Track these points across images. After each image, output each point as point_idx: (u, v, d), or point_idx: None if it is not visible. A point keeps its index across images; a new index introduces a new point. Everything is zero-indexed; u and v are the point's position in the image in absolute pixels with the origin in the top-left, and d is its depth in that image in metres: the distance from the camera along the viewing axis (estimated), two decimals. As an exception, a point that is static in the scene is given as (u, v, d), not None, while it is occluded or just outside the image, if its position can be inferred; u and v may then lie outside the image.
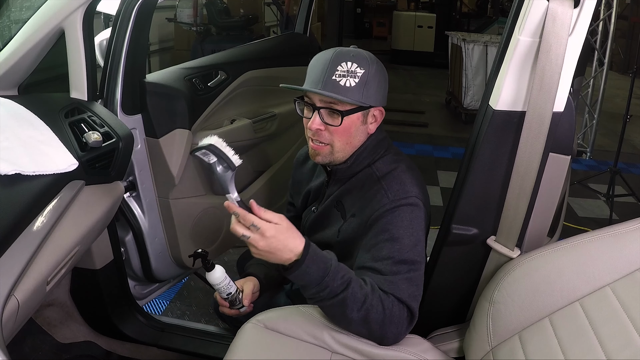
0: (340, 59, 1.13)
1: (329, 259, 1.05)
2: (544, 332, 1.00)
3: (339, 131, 1.15)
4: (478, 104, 1.28)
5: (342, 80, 1.12)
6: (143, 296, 1.87)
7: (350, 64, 1.12)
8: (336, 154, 1.19)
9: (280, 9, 5.33)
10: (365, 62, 1.14)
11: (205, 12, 5.23)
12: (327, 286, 1.02)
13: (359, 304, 1.04)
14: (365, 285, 1.06)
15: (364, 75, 1.13)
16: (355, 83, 1.12)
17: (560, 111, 1.05)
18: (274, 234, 0.99)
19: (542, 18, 0.97)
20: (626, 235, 0.96)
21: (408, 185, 1.15)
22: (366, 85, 1.13)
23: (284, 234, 1.01)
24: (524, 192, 1.07)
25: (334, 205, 1.25)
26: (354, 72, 1.12)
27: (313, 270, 1.02)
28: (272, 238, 0.99)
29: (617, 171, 3.32)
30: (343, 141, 1.17)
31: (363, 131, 1.19)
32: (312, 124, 1.15)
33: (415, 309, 1.09)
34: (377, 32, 10.47)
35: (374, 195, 1.16)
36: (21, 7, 1.36)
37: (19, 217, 1.00)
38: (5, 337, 0.88)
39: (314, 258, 1.02)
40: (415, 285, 1.10)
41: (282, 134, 2.19)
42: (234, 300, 1.25)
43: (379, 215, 1.12)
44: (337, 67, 1.12)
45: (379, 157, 1.22)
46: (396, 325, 1.07)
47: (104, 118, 1.36)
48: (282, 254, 1.01)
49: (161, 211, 1.74)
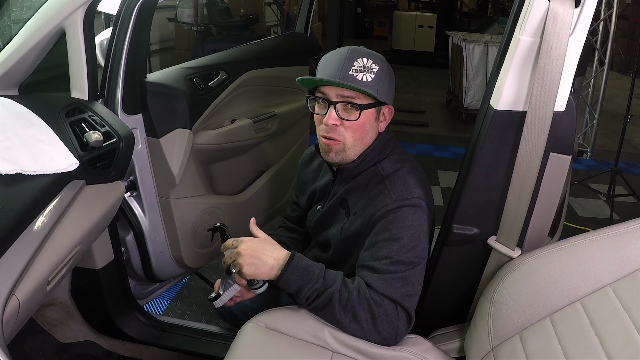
0: (357, 55, 1.14)
1: (312, 266, 1.12)
2: (544, 331, 1.00)
3: (355, 126, 1.16)
4: (479, 103, 1.29)
5: (359, 75, 1.13)
6: (144, 296, 1.87)
7: (366, 60, 1.14)
8: (348, 150, 1.19)
9: (280, 9, 5.33)
10: (379, 60, 1.16)
11: (206, 12, 5.23)
12: (307, 291, 1.10)
13: (343, 302, 1.08)
14: (350, 284, 1.09)
15: (379, 71, 1.14)
16: (371, 78, 1.13)
17: (561, 111, 1.05)
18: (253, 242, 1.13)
19: (543, 18, 0.97)
20: (627, 235, 0.96)
21: (412, 186, 1.15)
22: (381, 81, 1.15)
23: (262, 243, 1.13)
24: (524, 192, 1.07)
25: (339, 203, 1.25)
26: (370, 67, 1.13)
27: (294, 278, 1.10)
28: (250, 242, 1.12)
29: (618, 171, 3.32)
30: (356, 137, 1.17)
31: (375, 128, 1.20)
32: (328, 119, 1.15)
33: (411, 308, 1.10)
34: (378, 32, 10.47)
35: (378, 194, 1.16)
36: (22, 7, 1.36)
37: (19, 217, 1.00)
38: (6, 336, 0.88)
39: (295, 266, 1.10)
40: (410, 285, 1.10)
41: (282, 134, 2.19)
42: (252, 279, 1.19)
43: (381, 215, 1.13)
44: (354, 62, 1.13)
45: (385, 157, 1.22)
46: (390, 325, 1.08)
47: (104, 118, 1.36)
48: (266, 259, 1.11)
49: (162, 211, 1.74)
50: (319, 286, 1.09)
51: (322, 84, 1.16)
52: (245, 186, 2.10)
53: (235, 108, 1.98)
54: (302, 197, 1.43)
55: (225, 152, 1.95)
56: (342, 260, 1.25)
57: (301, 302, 1.12)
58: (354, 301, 1.08)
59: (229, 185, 2.02)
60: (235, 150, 2.00)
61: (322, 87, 1.16)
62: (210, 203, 1.86)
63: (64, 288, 1.56)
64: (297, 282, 1.10)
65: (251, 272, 1.11)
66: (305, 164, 1.44)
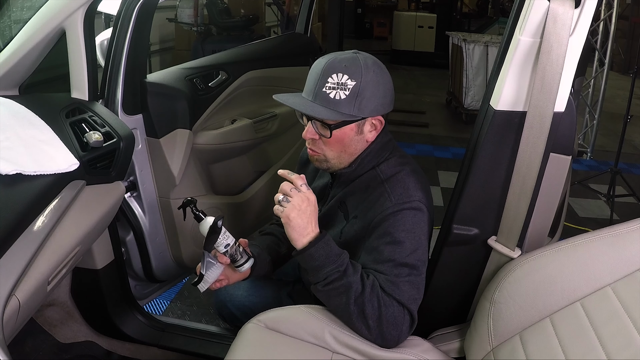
0: (331, 70, 1.11)
1: (340, 250, 1.11)
2: (544, 332, 1.00)
3: (331, 142, 1.16)
4: (479, 104, 1.28)
5: (332, 93, 1.10)
6: (144, 296, 1.87)
7: (340, 76, 1.10)
8: (331, 161, 1.19)
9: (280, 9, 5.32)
10: (358, 73, 1.11)
11: (206, 12, 5.23)
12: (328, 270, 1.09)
13: (357, 295, 1.07)
14: (366, 280, 1.09)
15: (355, 87, 1.10)
16: (345, 96, 1.10)
17: (561, 111, 1.05)
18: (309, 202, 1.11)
19: (543, 18, 0.97)
20: (627, 236, 0.96)
21: (412, 189, 1.14)
22: (358, 97, 1.11)
23: (313, 212, 1.11)
24: (524, 192, 1.07)
25: (338, 206, 1.25)
26: (344, 84, 1.10)
27: (320, 254, 1.09)
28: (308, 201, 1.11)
29: (618, 171, 3.32)
30: (336, 151, 1.17)
31: (359, 140, 1.18)
32: (305, 134, 1.17)
33: (415, 313, 1.10)
34: (378, 32, 10.47)
35: (378, 198, 1.16)
36: (22, 7, 1.36)
37: (20, 217, 1.01)
38: (6, 337, 0.88)
39: (326, 242, 1.09)
40: (416, 289, 1.10)
41: (282, 134, 2.19)
42: (234, 254, 1.16)
43: (382, 219, 1.12)
44: (328, 78, 1.11)
45: (383, 160, 1.21)
46: (395, 327, 1.08)
47: (104, 118, 1.36)
48: (307, 224, 1.09)
49: (162, 211, 1.74)
50: (341, 270, 1.08)
51: (291, 108, 1.16)
52: (246, 186, 2.10)
53: (236, 108, 1.98)
54: None
55: (225, 152, 1.95)
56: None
57: (318, 280, 1.10)
58: (365, 297, 1.07)
59: (229, 185, 2.02)
60: (235, 150, 2.00)
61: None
62: (211, 203, 1.86)
63: (64, 288, 1.56)
64: (321, 258, 1.09)
65: (288, 223, 1.09)
66: (304, 163, 1.43)
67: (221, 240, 1.14)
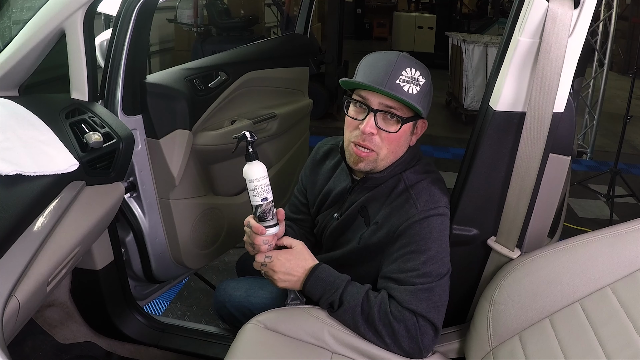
0: (405, 64, 1.09)
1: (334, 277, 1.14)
2: (544, 332, 1.00)
3: (391, 138, 1.11)
4: (478, 104, 1.28)
5: (406, 86, 1.07)
6: (143, 297, 1.87)
7: (414, 71, 1.08)
8: (380, 162, 1.14)
9: (280, 10, 5.32)
10: (426, 72, 1.11)
11: (206, 12, 5.23)
12: (325, 300, 1.13)
13: (365, 317, 1.09)
14: (373, 299, 1.10)
15: (425, 84, 1.10)
16: (417, 91, 1.08)
17: (561, 112, 1.05)
18: (286, 258, 1.14)
19: (542, 19, 0.97)
20: (626, 236, 0.97)
21: (437, 195, 1.13)
22: (427, 94, 1.11)
23: (295, 258, 1.15)
24: (524, 192, 1.07)
25: (358, 210, 1.21)
26: (417, 79, 1.08)
27: (315, 288, 1.13)
28: (283, 258, 1.14)
29: (618, 172, 3.32)
30: (391, 149, 1.13)
31: (408, 142, 1.17)
32: (365, 127, 1.09)
33: (436, 320, 1.09)
34: (378, 32, 10.48)
35: (402, 204, 1.13)
36: (22, 8, 1.36)
37: (19, 218, 1.00)
38: (5, 337, 0.88)
39: (317, 277, 1.13)
40: (437, 295, 1.09)
41: (282, 135, 2.19)
42: (265, 213, 1.09)
43: (408, 226, 1.10)
44: (402, 71, 1.07)
45: (410, 167, 1.19)
46: (411, 340, 1.07)
47: (104, 119, 1.36)
48: (297, 274, 1.14)
49: (162, 212, 1.74)
50: (336, 297, 1.11)
51: (367, 89, 1.10)
52: (245, 187, 2.10)
53: (235, 109, 1.98)
54: (311, 193, 1.37)
55: (225, 153, 1.95)
56: (352, 265, 1.22)
57: (324, 308, 1.16)
58: (374, 317, 1.08)
59: (228, 186, 2.02)
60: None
61: (362, 91, 1.11)
62: (210, 204, 1.86)
63: (63, 289, 1.56)
64: (318, 291, 1.13)
65: (284, 286, 1.16)
66: (319, 160, 1.36)
67: (260, 190, 1.08)
